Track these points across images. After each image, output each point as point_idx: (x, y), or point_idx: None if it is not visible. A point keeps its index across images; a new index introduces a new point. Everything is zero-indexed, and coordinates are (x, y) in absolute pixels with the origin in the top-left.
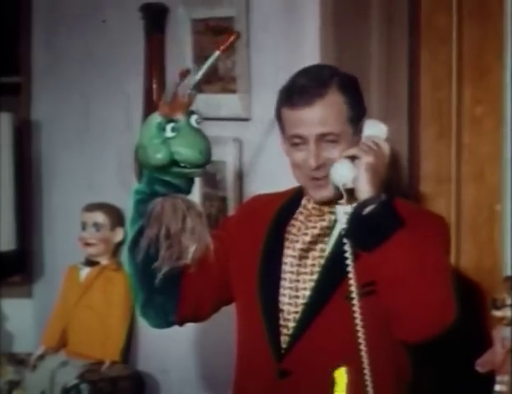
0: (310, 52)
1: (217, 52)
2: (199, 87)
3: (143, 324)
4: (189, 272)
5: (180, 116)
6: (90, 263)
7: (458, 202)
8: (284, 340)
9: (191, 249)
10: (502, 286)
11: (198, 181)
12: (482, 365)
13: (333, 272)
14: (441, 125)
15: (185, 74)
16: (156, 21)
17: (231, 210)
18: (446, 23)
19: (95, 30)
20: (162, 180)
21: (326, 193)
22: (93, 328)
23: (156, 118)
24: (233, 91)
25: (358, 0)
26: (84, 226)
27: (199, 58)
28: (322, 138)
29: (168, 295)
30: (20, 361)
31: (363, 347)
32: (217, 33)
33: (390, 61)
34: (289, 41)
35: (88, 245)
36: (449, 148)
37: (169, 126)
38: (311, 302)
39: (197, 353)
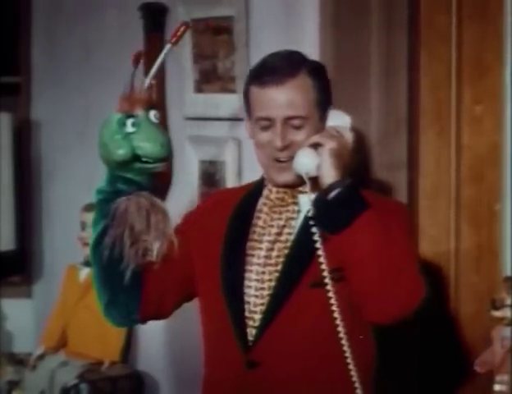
0: (309, 52)
1: (169, 45)
2: (199, 87)
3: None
4: (151, 270)
5: (139, 112)
6: (89, 263)
7: (457, 201)
8: (250, 332)
9: (156, 246)
10: (502, 287)
11: (197, 181)
12: (481, 365)
13: (296, 261)
14: (441, 125)
15: (137, 59)
16: (155, 21)
17: None
18: (446, 23)
19: (95, 30)
20: (124, 177)
21: (289, 176)
22: (92, 328)
23: (115, 115)
24: (232, 91)
25: (357, 0)
26: (83, 226)
27: (199, 58)
28: (289, 120)
29: (132, 293)
30: (19, 361)
31: (342, 333)
32: (217, 32)
33: (389, 62)
34: (288, 41)
35: (87, 244)
36: (448, 148)
37: (129, 121)
38: (276, 293)
39: (196, 353)
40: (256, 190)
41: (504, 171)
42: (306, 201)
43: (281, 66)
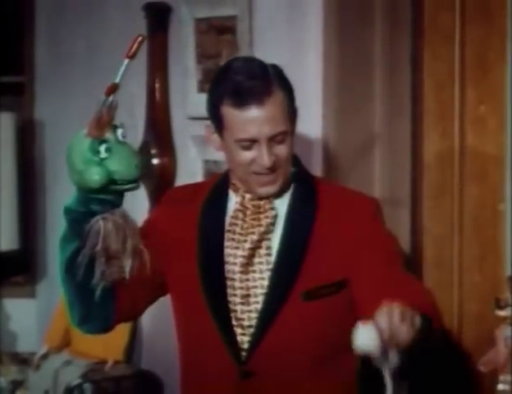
0: (313, 52)
1: (127, 60)
2: (202, 86)
3: (146, 323)
4: (122, 282)
5: (109, 135)
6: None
7: (461, 201)
8: (241, 340)
9: (128, 264)
10: (505, 286)
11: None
12: (484, 365)
13: (284, 272)
14: (445, 126)
15: (112, 90)
16: (159, 21)
17: None
18: (450, 23)
19: (98, 30)
20: (97, 198)
21: (274, 189)
22: None
23: (85, 141)
24: None
25: (361, 0)
26: None
27: (202, 57)
28: (273, 138)
29: (105, 307)
30: (23, 361)
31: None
32: (221, 32)
33: (393, 62)
34: (292, 41)
35: None
36: (452, 148)
37: (102, 147)
38: (268, 301)
39: None
40: (221, 189)
41: (507, 171)
42: (283, 204)
43: (257, 86)
